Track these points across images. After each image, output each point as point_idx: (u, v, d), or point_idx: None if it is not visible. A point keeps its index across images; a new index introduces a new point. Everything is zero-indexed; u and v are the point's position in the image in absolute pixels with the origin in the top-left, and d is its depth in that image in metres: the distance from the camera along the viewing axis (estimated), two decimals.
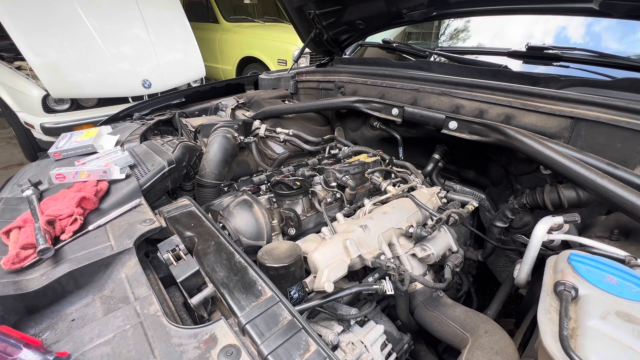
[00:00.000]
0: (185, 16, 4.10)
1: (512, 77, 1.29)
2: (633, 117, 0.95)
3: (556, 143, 0.99)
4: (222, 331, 0.59)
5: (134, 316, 0.63)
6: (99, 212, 0.94)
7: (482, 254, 1.27)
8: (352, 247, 0.89)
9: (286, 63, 4.58)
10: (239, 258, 0.77)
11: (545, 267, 0.75)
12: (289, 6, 1.81)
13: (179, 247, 0.79)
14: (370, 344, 0.83)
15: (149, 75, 3.52)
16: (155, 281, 0.79)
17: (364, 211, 1.11)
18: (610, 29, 1.56)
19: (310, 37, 1.92)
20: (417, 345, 1.08)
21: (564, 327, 0.56)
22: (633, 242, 0.85)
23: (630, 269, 0.67)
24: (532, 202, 1.06)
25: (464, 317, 0.90)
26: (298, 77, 2.09)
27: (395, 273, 0.85)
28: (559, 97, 1.09)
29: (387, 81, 1.58)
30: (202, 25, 5.62)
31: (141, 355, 0.55)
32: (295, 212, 1.09)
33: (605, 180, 0.82)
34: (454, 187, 1.59)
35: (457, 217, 1.05)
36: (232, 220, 1.05)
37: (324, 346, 0.57)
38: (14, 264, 0.72)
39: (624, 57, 1.35)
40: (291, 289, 0.81)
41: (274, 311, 0.63)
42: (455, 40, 2.33)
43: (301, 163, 1.46)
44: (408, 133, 1.59)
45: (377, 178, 1.27)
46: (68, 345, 0.57)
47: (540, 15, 1.66)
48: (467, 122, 1.19)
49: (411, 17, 1.72)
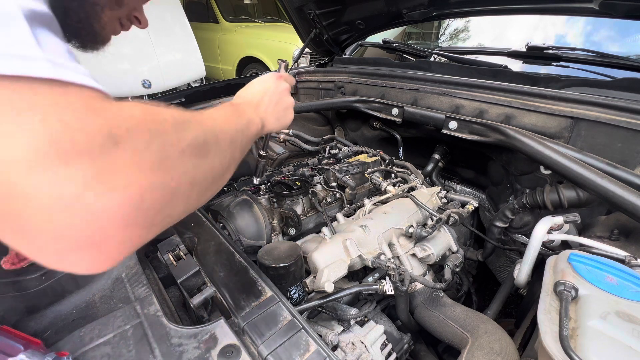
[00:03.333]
0: (185, 16, 4.10)
1: (512, 77, 1.29)
2: (633, 117, 0.95)
3: (556, 143, 0.99)
4: (222, 331, 0.59)
5: (134, 316, 0.63)
6: None
7: (482, 254, 1.27)
8: (352, 247, 0.89)
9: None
10: (239, 258, 0.77)
11: (545, 267, 0.75)
12: (289, 6, 1.81)
13: (179, 247, 0.79)
14: (370, 344, 0.83)
15: (149, 75, 3.53)
16: (155, 281, 0.79)
17: (364, 211, 1.11)
18: (610, 29, 1.57)
19: (310, 37, 1.92)
20: (417, 345, 1.08)
21: (564, 327, 0.56)
22: (633, 242, 0.85)
23: (630, 269, 0.67)
24: (532, 202, 1.06)
25: (464, 317, 0.90)
26: (298, 77, 2.08)
27: (395, 273, 0.85)
28: (559, 97, 1.09)
29: (387, 81, 1.58)
30: (202, 25, 5.62)
31: (141, 355, 0.55)
32: (295, 212, 1.09)
33: (605, 180, 0.82)
34: (454, 187, 1.59)
35: (457, 217, 1.05)
36: (232, 220, 1.05)
37: (324, 346, 0.57)
38: (14, 264, 0.72)
39: (624, 57, 1.35)
40: (291, 289, 0.81)
41: (274, 311, 0.63)
42: (456, 40, 2.33)
43: (301, 163, 1.46)
44: (408, 133, 1.59)
45: (377, 178, 1.27)
46: (68, 345, 0.57)
47: (540, 15, 1.66)
48: (467, 122, 1.19)
49: (411, 17, 1.71)
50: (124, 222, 0.30)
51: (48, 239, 0.28)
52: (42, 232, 0.27)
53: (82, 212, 0.27)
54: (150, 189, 0.31)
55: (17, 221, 0.27)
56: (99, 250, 0.30)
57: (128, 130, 0.30)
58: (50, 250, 0.29)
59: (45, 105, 0.27)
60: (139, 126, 0.32)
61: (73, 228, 0.28)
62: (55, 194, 0.27)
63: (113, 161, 0.29)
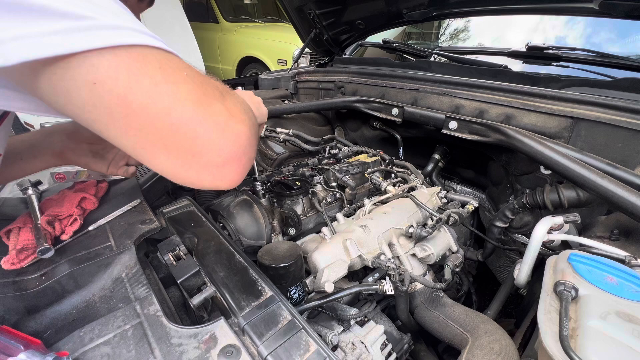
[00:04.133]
0: (185, 16, 4.10)
1: (512, 77, 1.29)
2: (633, 117, 0.95)
3: (556, 143, 0.99)
4: (222, 331, 0.59)
5: (134, 316, 0.63)
6: (99, 212, 0.93)
7: (482, 254, 1.27)
8: (352, 247, 0.89)
9: (286, 63, 4.58)
10: (239, 258, 0.77)
11: (545, 267, 0.75)
12: (289, 6, 1.81)
13: (179, 247, 0.79)
14: (370, 344, 0.83)
15: None
16: (155, 281, 0.79)
17: (364, 211, 1.11)
18: (610, 29, 1.56)
19: (310, 37, 1.92)
20: (417, 345, 1.08)
21: (564, 327, 0.56)
22: (633, 242, 0.85)
23: (630, 269, 0.67)
24: (532, 202, 1.06)
25: (464, 317, 0.90)
26: (298, 77, 2.08)
27: (395, 273, 0.85)
28: (559, 97, 1.09)
29: (387, 81, 1.58)
30: (202, 25, 5.62)
31: (141, 356, 0.55)
32: (295, 212, 1.09)
33: (605, 180, 0.82)
34: (454, 187, 1.59)
35: (457, 217, 1.05)
36: (232, 220, 1.05)
37: (324, 346, 0.57)
38: (14, 264, 0.72)
39: (624, 57, 1.35)
40: (291, 289, 0.81)
41: (274, 311, 0.63)
42: (456, 40, 2.33)
43: (301, 163, 1.46)
44: (408, 133, 1.59)
45: (377, 178, 1.27)
46: (68, 345, 0.57)
47: (540, 15, 1.66)
48: (467, 122, 1.19)
49: (411, 17, 1.72)
50: (249, 143, 0.44)
51: (213, 155, 0.40)
52: (210, 150, 0.40)
53: (231, 134, 0.41)
54: (250, 125, 0.45)
55: (189, 145, 0.39)
56: (239, 163, 0.43)
57: (221, 91, 0.44)
58: (213, 165, 0.41)
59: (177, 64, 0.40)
60: (224, 88, 0.46)
61: (228, 145, 0.41)
62: (215, 122, 0.40)
63: (230, 105, 0.42)
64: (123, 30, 0.36)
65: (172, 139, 0.38)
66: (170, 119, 0.37)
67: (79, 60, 0.34)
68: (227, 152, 0.41)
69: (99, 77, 0.35)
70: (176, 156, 0.39)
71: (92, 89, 0.35)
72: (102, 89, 0.35)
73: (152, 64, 0.37)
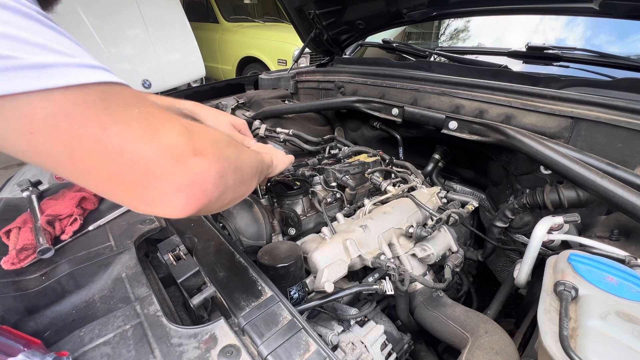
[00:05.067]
0: (185, 16, 4.10)
1: (512, 77, 1.29)
2: (633, 117, 0.95)
3: (556, 143, 0.99)
4: (222, 331, 0.59)
5: (134, 316, 0.63)
6: (99, 212, 0.94)
7: (482, 254, 1.27)
8: (352, 247, 0.89)
9: (286, 63, 4.58)
10: (239, 258, 0.77)
11: (545, 267, 0.75)
12: (289, 6, 1.81)
13: (179, 247, 0.79)
14: (370, 344, 0.83)
15: (148, 75, 3.53)
16: (155, 281, 0.79)
17: (364, 211, 1.11)
18: (610, 29, 1.56)
19: (310, 37, 1.92)
20: (417, 345, 1.08)
21: (564, 327, 0.56)
22: (633, 242, 0.84)
23: (630, 269, 0.67)
24: (532, 202, 1.06)
25: (464, 317, 0.90)
26: (298, 77, 2.08)
27: (395, 273, 0.85)
28: (559, 97, 1.09)
29: (387, 81, 1.58)
30: (202, 25, 5.62)
31: (141, 356, 0.55)
32: (295, 212, 1.09)
33: (605, 180, 0.82)
34: (454, 187, 1.59)
35: (457, 217, 1.05)
36: (232, 220, 1.05)
37: (324, 346, 0.57)
38: (14, 264, 0.72)
39: (624, 57, 1.35)
40: (291, 289, 0.81)
41: (274, 311, 0.63)
42: (456, 40, 2.33)
43: (301, 163, 1.46)
44: (408, 133, 1.59)
45: (377, 178, 1.27)
46: (68, 345, 0.57)
47: (540, 15, 1.66)
48: (467, 122, 1.19)
49: (411, 17, 1.71)
50: (212, 176, 0.43)
51: (164, 186, 0.39)
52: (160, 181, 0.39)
53: (184, 166, 0.40)
54: (218, 159, 0.45)
55: (141, 179, 0.38)
56: (190, 193, 0.41)
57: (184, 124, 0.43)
58: (164, 195, 0.40)
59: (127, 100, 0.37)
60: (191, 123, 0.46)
61: (180, 176, 0.40)
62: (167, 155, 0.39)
63: (195, 138, 0.42)
64: (55, 69, 0.31)
65: (123, 177, 0.37)
66: (123, 159, 0.36)
67: (10, 103, 0.29)
68: (178, 183, 0.40)
69: (36, 127, 0.31)
70: (128, 191, 0.38)
71: (29, 138, 0.31)
72: (41, 139, 0.32)
73: (97, 106, 0.33)
